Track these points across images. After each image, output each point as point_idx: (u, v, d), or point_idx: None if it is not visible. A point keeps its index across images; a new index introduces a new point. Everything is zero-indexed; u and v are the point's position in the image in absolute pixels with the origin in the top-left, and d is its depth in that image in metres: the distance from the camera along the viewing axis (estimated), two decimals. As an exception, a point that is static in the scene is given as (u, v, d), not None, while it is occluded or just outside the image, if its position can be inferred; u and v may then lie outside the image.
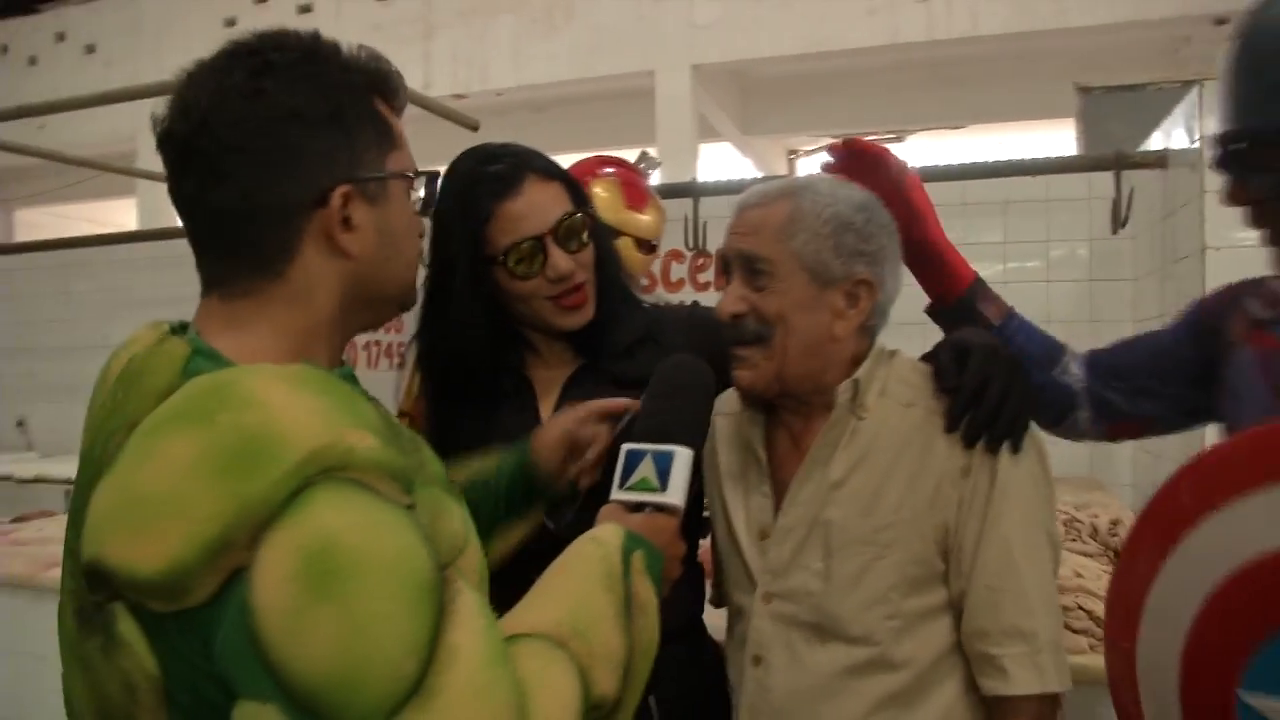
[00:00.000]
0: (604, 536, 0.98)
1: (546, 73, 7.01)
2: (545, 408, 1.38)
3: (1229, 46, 1.06)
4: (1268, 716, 0.91)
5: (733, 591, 1.31)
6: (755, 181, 1.30)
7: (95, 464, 0.81)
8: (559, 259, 1.31)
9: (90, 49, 7.85)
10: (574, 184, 1.38)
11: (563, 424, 1.26)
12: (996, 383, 1.15)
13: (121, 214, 8.93)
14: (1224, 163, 1.08)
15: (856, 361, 1.22)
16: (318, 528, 0.73)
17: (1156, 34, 6.04)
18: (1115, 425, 1.34)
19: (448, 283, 1.33)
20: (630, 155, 3.77)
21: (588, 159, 2.34)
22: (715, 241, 3.77)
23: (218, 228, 0.90)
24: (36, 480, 4.72)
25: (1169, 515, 0.99)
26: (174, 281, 5.28)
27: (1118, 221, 2.98)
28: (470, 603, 0.79)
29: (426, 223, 1.06)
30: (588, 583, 0.93)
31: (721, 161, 8.16)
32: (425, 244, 1.09)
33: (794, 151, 9.00)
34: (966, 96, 7.04)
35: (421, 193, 0.98)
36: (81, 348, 5.31)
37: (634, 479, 1.06)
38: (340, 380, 0.83)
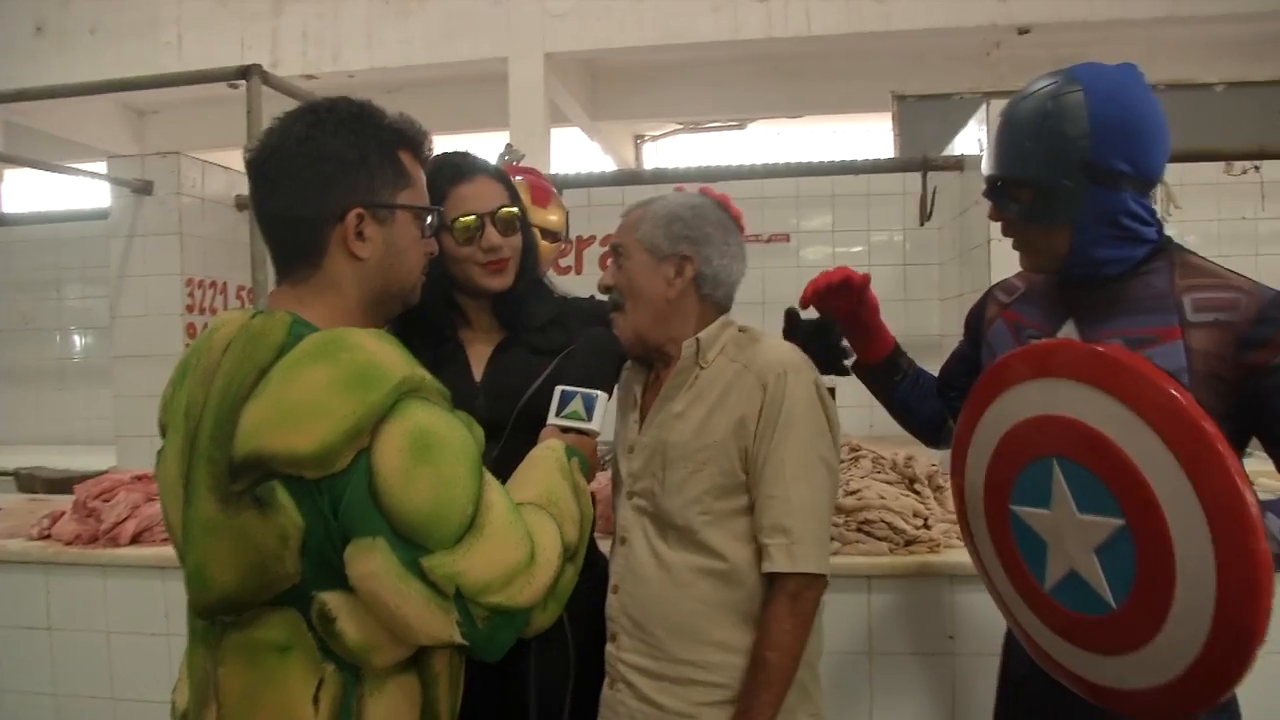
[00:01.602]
0: (553, 445, 1.44)
1: (400, 56, 7.05)
2: (476, 369, 1.74)
3: (998, 118, 1.52)
4: (1021, 517, 1.40)
5: (612, 492, 1.74)
6: (604, 174, 1.68)
7: (230, 399, 1.15)
8: (492, 234, 1.69)
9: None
10: (513, 189, 1.76)
11: None
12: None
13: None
14: (988, 194, 1.54)
15: (704, 327, 1.62)
16: (415, 422, 1.13)
17: (970, 39, 6.63)
18: None
19: None
20: (484, 139, 3.99)
21: (506, 169, 2.59)
22: (573, 229, 4.10)
23: (275, 230, 1.27)
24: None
25: (976, 399, 1.49)
26: (24, 266, 5.21)
27: (924, 215, 3.45)
28: (492, 477, 1.21)
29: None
30: (550, 473, 1.36)
31: (571, 146, 8.42)
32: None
33: (640, 136, 9.31)
34: (802, 89, 7.51)
35: (428, 220, 1.34)
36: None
37: (567, 410, 1.53)
38: (395, 339, 1.20)
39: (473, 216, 1.67)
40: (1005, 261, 3.01)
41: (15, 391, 5.37)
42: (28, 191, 8.98)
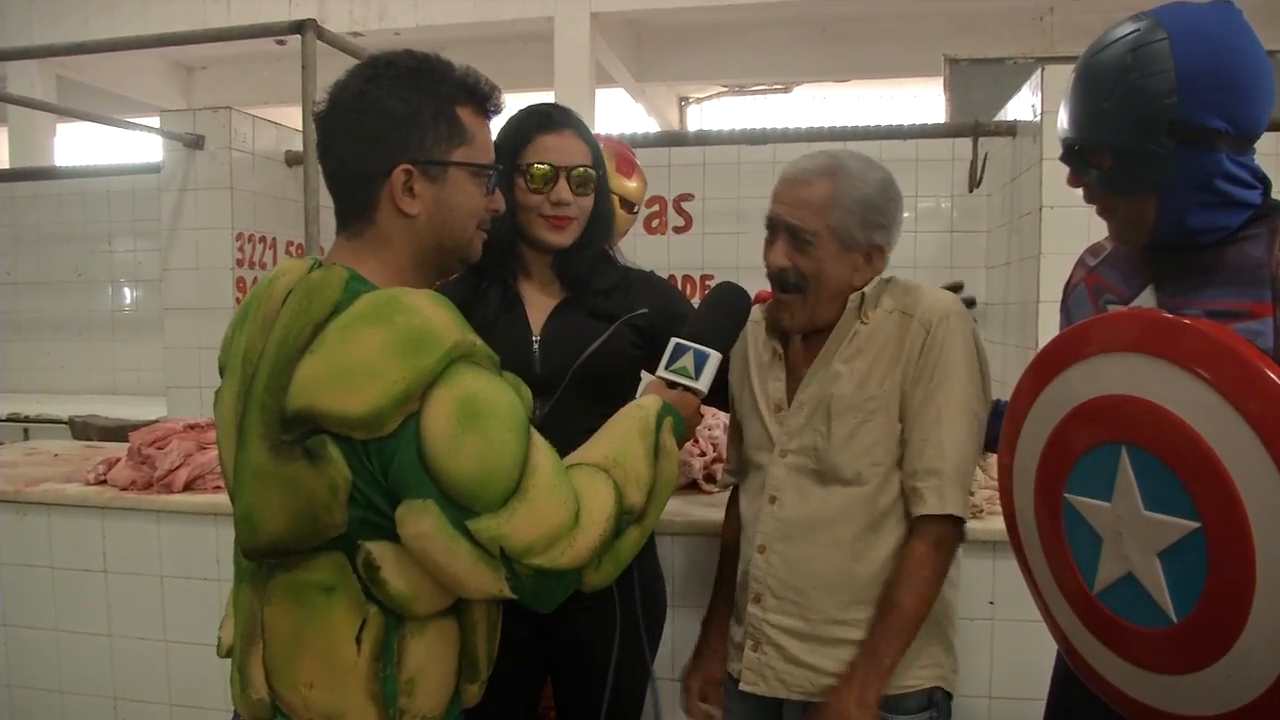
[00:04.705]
0: (646, 403, 1.39)
1: (445, 14, 7.06)
2: (535, 323, 1.75)
3: (1071, 75, 1.39)
4: (1075, 507, 1.26)
5: (753, 453, 1.69)
6: (648, 135, 1.60)
7: (286, 351, 1.17)
8: (563, 190, 1.69)
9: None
10: (599, 154, 1.76)
11: None
12: None
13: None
14: (1065, 158, 1.39)
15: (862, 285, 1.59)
16: (464, 388, 1.14)
17: (1023, 3, 6.52)
18: None
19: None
20: (529, 99, 3.98)
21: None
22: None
23: (333, 184, 1.29)
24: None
25: (1033, 379, 1.34)
26: (77, 219, 5.33)
27: (973, 181, 3.42)
28: (540, 439, 1.21)
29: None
30: (628, 432, 1.33)
31: (616, 107, 8.39)
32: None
33: (685, 99, 9.26)
34: (849, 53, 7.42)
35: (490, 177, 1.32)
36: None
37: (676, 364, 1.47)
38: (449, 301, 1.20)
39: (548, 166, 1.68)
40: (1058, 229, 2.99)
41: (66, 343, 5.49)
42: (79, 145, 9.12)
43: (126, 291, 5.45)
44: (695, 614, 1.99)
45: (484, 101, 1.31)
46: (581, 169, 1.71)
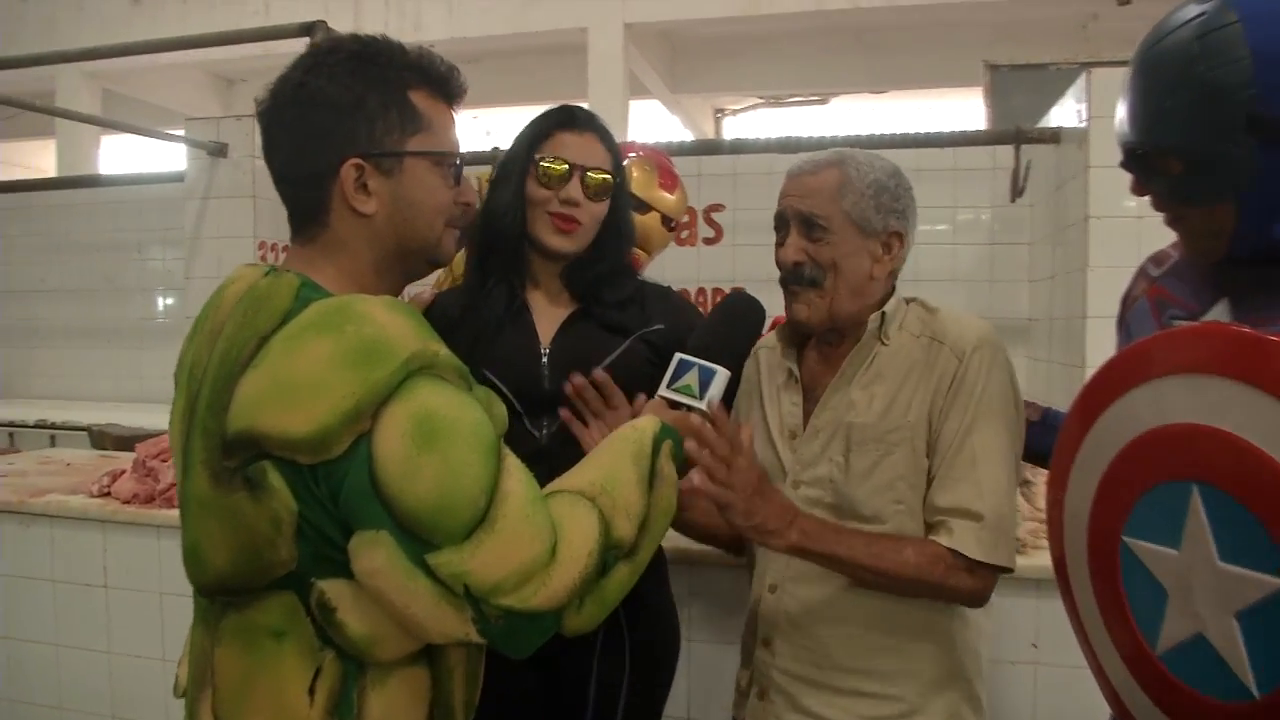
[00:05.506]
0: (642, 425, 1.25)
1: (480, 26, 7.04)
2: (544, 335, 1.64)
3: (1128, 70, 1.22)
4: (1135, 553, 1.09)
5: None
6: (682, 144, 1.48)
7: (228, 366, 1.06)
8: (575, 190, 1.60)
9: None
10: (620, 162, 1.66)
11: None
12: None
13: (39, 155, 8.76)
14: (1126, 165, 1.23)
15: (883, 301, 1.49)
16: (421, 404, 1.01)
17: (1066, 11, 6.34)
18: None
19: (506, 175, 1.64)
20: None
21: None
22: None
23: (281, 188, 1.18)
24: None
25: (1088, 403, 1.18)
26: (108, 228, 5.34)
27: (1015, 191, 3.27)
28: (514, 462, 1.08)
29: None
30: (620, 457, 1.19)
31: (651, 119, 8.32)
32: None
33: (720, 110, 9.18)
34: (887, 63, 7.28)
35: (454, 165, 1.20)
36: (18, 291, 5.36)
37: (680, 383, 1.35)
38: (412, 307, 1.09)
39: (564, 163, 1.59)
40: (1105, 241, 2.84)
41: (97, 350, 5.49)
42: (124, 156, 9.23)
43: (156, 299, 5.44)
44: (711, 649, 1.88)
45: (441, 83, 1.18)
46: (598, 173, 1.60)
